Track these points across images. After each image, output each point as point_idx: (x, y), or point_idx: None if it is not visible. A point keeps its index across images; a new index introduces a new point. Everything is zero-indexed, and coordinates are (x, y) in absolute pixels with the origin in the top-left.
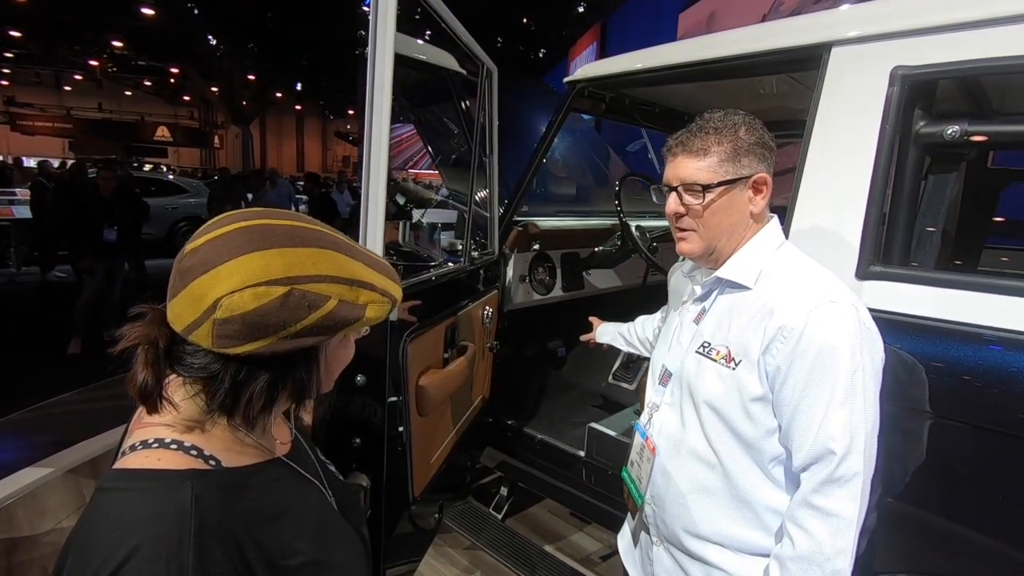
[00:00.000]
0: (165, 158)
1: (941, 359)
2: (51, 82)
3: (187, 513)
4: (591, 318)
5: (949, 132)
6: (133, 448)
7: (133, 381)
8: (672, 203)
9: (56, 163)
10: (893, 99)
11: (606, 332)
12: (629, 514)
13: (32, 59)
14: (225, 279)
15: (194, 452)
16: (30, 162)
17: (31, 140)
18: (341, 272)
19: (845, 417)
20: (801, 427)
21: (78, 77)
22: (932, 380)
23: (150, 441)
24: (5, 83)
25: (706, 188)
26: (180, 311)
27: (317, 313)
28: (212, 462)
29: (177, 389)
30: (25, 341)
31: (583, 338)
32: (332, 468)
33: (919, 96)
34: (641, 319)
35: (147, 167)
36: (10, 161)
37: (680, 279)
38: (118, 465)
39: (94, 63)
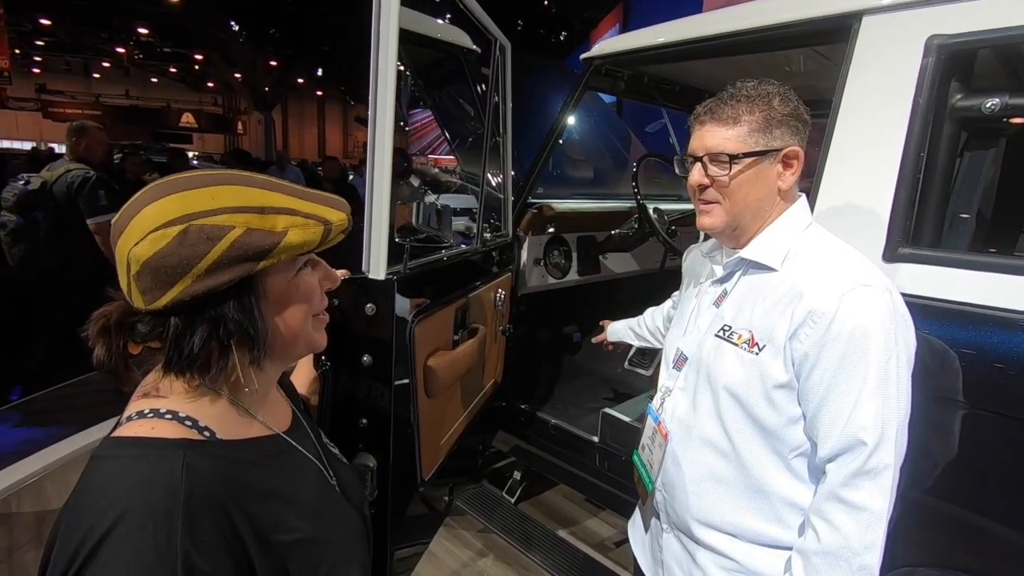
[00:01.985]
0: (190, 144)
1: (974, 345)
2: (80, 69)
3: (177, 481)
4: (602, 321)
5: (988, 105)
6: (129, 418)
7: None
8: (696, 174)
9: None
10: (928, 70)
11: (616, 330)
12: (640, 500)
13: (62, 47)
14: (131, 234)
15: (188, 423)
16: (60, 148)
17: (62, 127)
18: (248, 201)
19: (877, 407)
20: (829, 416)
21: (106, 64)
22: (964, 368)
23: (145, 411)
24: (37, 71)
25: (733, 159)
26: (120, 280)
27: (220, 245)
28: (206, 433)
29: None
30: (54, 322)
31: (594, 340)
32: (334, 449)
33: (956, 67)
34: (650, 311)
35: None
36: (43, 147)
37: (697, 260)
38: (113, 434)
39: (121, 50)
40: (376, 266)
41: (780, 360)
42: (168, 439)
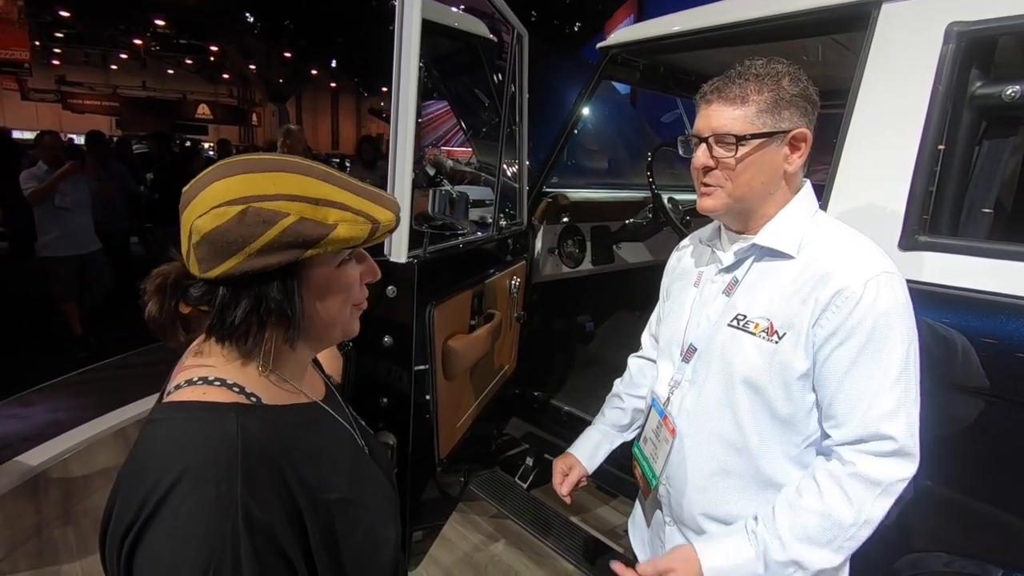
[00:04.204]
0: (206, 135)
1: (991, 333)
2: (98, 61)
3: (234, 440)
4: (555, 461)
5: (1009, 93)
6: (179, 387)
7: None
8: (701, 155)
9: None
10: (948, 58)
11: (591, 443)
12: (640, 492)
13: (80, 39)
14: (197, 207)
15: (236, 389)
16: (79, 139)
17: (81, 118)
18: (305, 192)
19: (900, 394)
20: (848, 401)
21: (124, 56)
22: (982, 356)
23: (195, 379)
24: (56, 63)
25: (740, 140)
26: (182, 246)
27: (274, 229)
28: (253, 398)
29: None
30: (78, 309)
31: (565, 491)
32: (363, 423)
33: (977, 54)
34: (635, 365)
35: (187, 144)
36: (63, 138)
37: (688, 253)
38: (166, 399)
39: (138, 42)
40: (398, 249)
41: (802, 347)
42: (220, 403)
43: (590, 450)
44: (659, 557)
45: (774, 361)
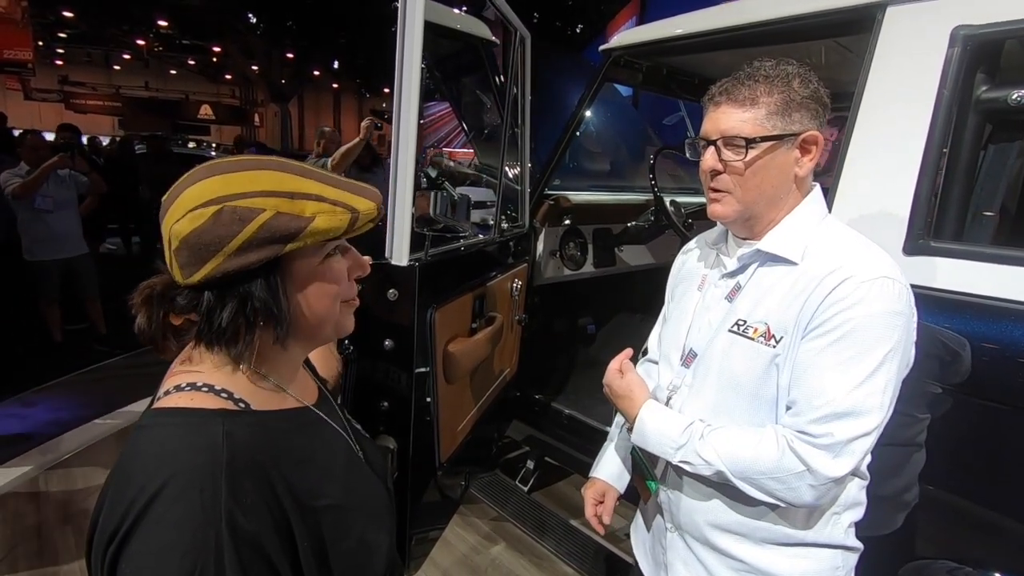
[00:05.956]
0: (208, 135)
1: (992, 339)
2: (101, 61)
3: (219, 447)
4: (584, 490)
5: (1015, 97)
6: (167, 392)
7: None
8: (709, 158)
9: (106, 140)
10: (953, 62)
11: (615, 469)
12: (640, 497)
13: (83, 39)
14: (174, 212)
15: (224, 395)
16: (82, 139)
17: (83, 118)
18: (280, 187)
19: (860, 399)
20: (810, 392)
21: (126, 56)
22: (987, 362)
23: (183, 385)
24: (59, 63)
25: (749, 143)
26: (165, 254)
27: (250, 226)
28: (241, 404)
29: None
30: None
31: (606, 523)
32: (357, 426)
33: (982, 58)
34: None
35: (191, 144)
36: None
37: (693, 257)
38: (155, 406)
39: (141, 42)
40: (399, 252)
41: (796, 349)
42: (207, 409)
43: (616, 471)
44: (624, 380)
45: (771, 365)
